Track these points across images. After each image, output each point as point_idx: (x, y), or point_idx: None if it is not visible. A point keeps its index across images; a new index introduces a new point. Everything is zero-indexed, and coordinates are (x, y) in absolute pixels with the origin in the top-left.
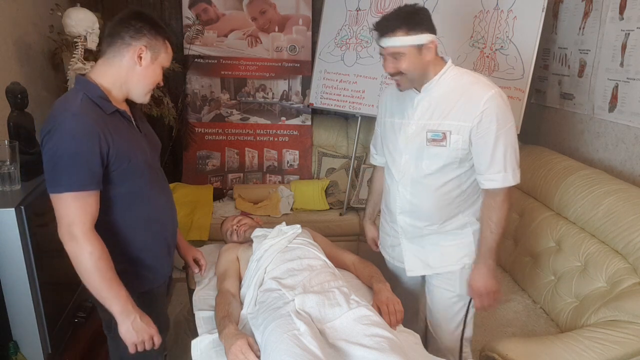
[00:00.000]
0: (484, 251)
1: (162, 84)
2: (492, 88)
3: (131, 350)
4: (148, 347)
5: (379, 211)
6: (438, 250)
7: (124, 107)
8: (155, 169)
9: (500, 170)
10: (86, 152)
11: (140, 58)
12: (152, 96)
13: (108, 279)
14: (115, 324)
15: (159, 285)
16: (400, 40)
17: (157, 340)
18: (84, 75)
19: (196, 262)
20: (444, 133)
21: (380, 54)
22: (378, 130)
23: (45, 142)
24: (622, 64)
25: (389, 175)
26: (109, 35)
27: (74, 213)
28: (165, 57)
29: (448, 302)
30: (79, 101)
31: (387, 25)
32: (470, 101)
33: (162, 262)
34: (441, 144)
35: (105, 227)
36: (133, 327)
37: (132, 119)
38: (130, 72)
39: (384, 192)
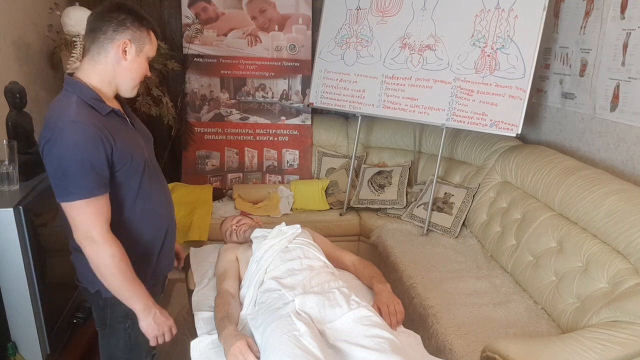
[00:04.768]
0: None
1: (149, 74)
2: None
3: (152, 343)
4: (167, 338)
5: None
6: None
7: (116, 105)
8: (153, 164)
9: None
10: (92, 158)
11: (125, 52)
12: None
13: (129, 279)
14: (112, 320)
15: (157, 283)
16: None
17: (174, 331)
18: (72, 75)
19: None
20: None
21: None
22: None
23: (46, 151)
24: (623, 64)
25: None
26: (91, 31)
27: (90, 218)
28: (150, 48)
29: None
30: (74, 106)
31: None
32: None
33: (164, 256)
34: None
35: (114, 227)
36: (155, 321)
37: (126, 117)
38: (117, 67)
39: None
